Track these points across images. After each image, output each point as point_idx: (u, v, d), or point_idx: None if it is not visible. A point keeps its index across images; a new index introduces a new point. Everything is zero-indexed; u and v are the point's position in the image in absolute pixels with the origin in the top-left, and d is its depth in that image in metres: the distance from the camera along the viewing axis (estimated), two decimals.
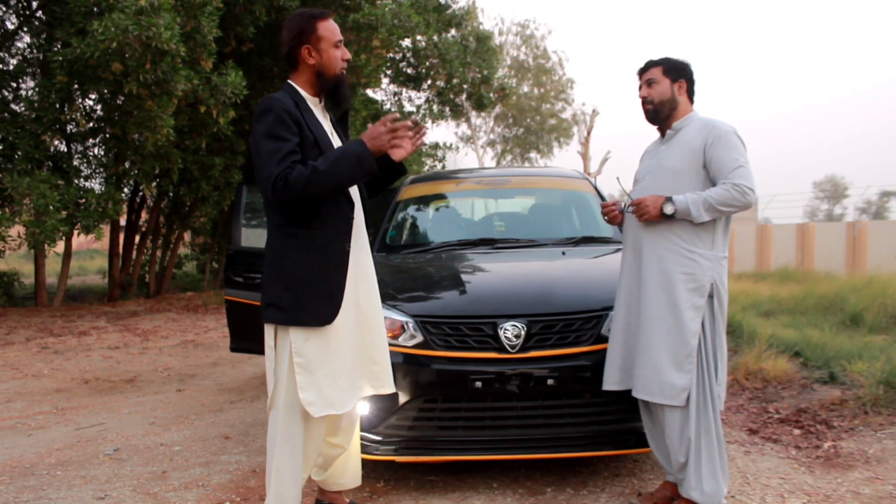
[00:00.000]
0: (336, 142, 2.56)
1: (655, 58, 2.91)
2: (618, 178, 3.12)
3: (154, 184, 11.52)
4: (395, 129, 2.38)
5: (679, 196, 2.71)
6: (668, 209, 2.70)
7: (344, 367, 2.45)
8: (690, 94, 2.89)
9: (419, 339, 3.05)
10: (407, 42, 13.28)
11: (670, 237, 2.74)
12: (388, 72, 14.32)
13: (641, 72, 2.91)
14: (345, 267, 2.46)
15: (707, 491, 2.68)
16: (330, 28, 2.47)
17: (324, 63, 2.47)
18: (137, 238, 13.22)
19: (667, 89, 2.84)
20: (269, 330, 2.46)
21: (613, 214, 2.98)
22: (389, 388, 2.62)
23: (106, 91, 9.77)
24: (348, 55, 2.53)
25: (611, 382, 2.86)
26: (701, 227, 2.73)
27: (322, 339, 2.41)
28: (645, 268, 2.79)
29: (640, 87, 2.90)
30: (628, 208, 2.86)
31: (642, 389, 2.74)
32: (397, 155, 2.52)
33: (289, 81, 2.53)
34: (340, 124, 2.70)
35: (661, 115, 2.86)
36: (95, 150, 11.66)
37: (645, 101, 2.88)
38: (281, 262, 2.43)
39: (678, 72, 2.86)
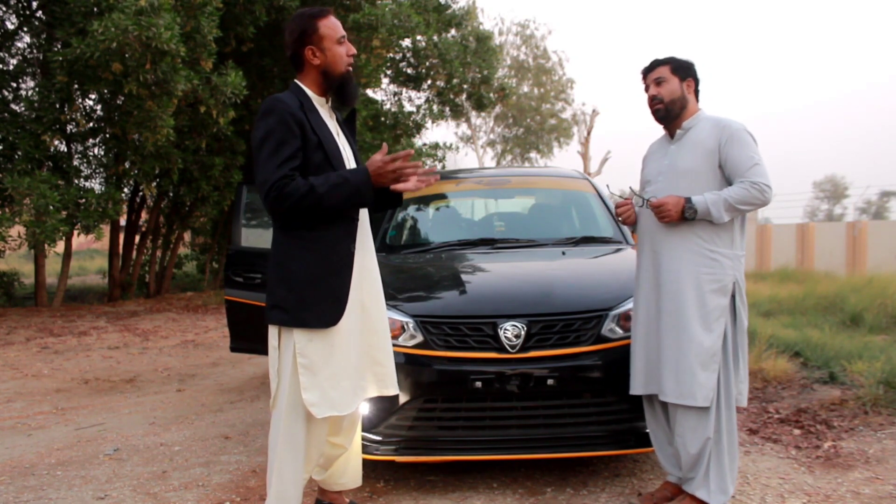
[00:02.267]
0: (343, 142, 2.55)
1: (661, 57, 2.88)
2: (631, 188, 3.07)
3: (154, 184, 11.51)
4: (401, 167, 2.37)
5: (699, 197, 2.68)
6: (689, 213, 2.67)
7: (347, 368, 2.45)
8: (696, 93, 2.88)
9: (419, 339, 3.06)
10: (407, 42, 13.26)
11: (691, 237, 2.72)
12: (388, 72, 14.30)
13: (647, 71, 2.87)
14: (350, 268, 2.46)
15: (714, 490, 2.68)
16: (331, 25, 2.45)
17: (329, 62, 2.45)
18: (137, 238, 13.21)
19: (676, 87, 2.81)
20: (272, 331, 2.46)
21: (629, 213, 2.91)
22: (393, 390, 2.61)
23: (106, 91, 9.77)
24: (353, 50, 2.50)
25: (636, 387, 2.84)
26: (720, 227, 2.71)
27: (326, 340, 2.41)
28: (665, 269, 2.76)
29: (648, 87, 2.86)
30: (646, 206, 2.81)
31: (670, 393, 2.70)
32: (398, 187, 2.51)
33: (295, 81, 2.52)
34: (348, 124, 2.70)
35: (671, 113, 2.83)
36: (95, 150, 11.66)
37: (654, 100, 2.83)
38: (286, 263, 2.43)
39: (686, 70, 2.83)
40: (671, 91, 2.81)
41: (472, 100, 14.99)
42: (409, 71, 14.46)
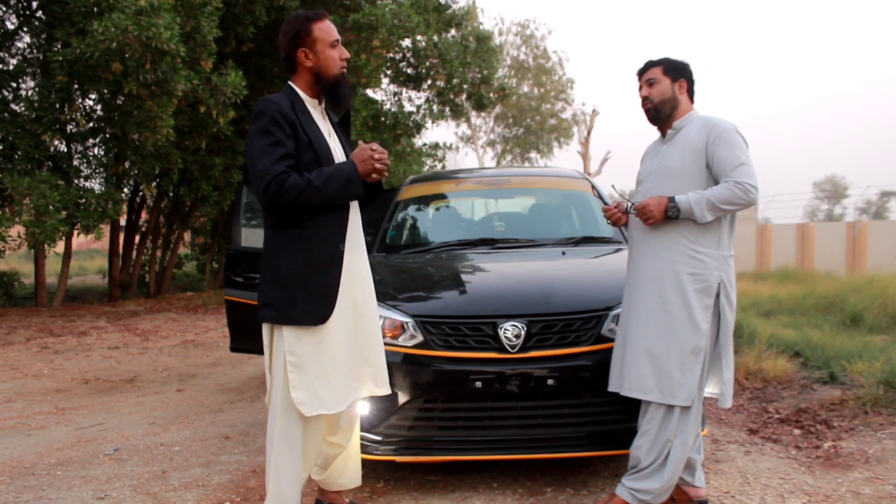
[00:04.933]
0: (335, 144, 2.57)
1: (655, 58, 2.90)
2: (613, 186, 3.10)
3: (154, 184, 11.52)
4: (382, 157, 2.43)
5: (682, 196, 2.69)
6: (672, 212, 2.68)
7: (337, 367, 2.46)
8: (691, 93, 2.88)
9: (419, 339, 3.05)
10: (407, 42, 13.27)
11: (676, 238, 2.73)
12: (388, 72, 14.31)
13: (641, 72, 2.90)
14: (339, 267, 2.47)
15: (645, 488, 2.70)
16: (325, 29, 2.47)
17: (321, 65, 2.48)
18: (137, 238, 13.22)
19: (667, 88, 2.82)
20: (265, 329, 2.50)
21: (616, 217, 2.93)
22: (384, 390, 2.62)
23: (106, 91, 9.78)
24: (346, 54, 2.52)
25: (614, 384, 2.85)
26: (706, 227, 2.71)
27: (315, 338, 2.42)
28: (650, 268, 2.77)
29: (641, 88, 2.89)
30: (632, 210, 2.84)
31: (651, 391, 2.70)
32: (373, 178, 2.54)
33: (289, 83, 2.55)
34: (342, 126, 2.71)
35: (661, 114, 2.84)
36: (95, 150, 11.66)
37: (646, 101, 2.86)
38: (275, 262, 2.46)
39: (678, 71, 2.84)
40: (661, 92, 2.82)
41: (472, 100, 14.99)
42: (409, 71, 14.47)
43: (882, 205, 41.92)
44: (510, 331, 2.98)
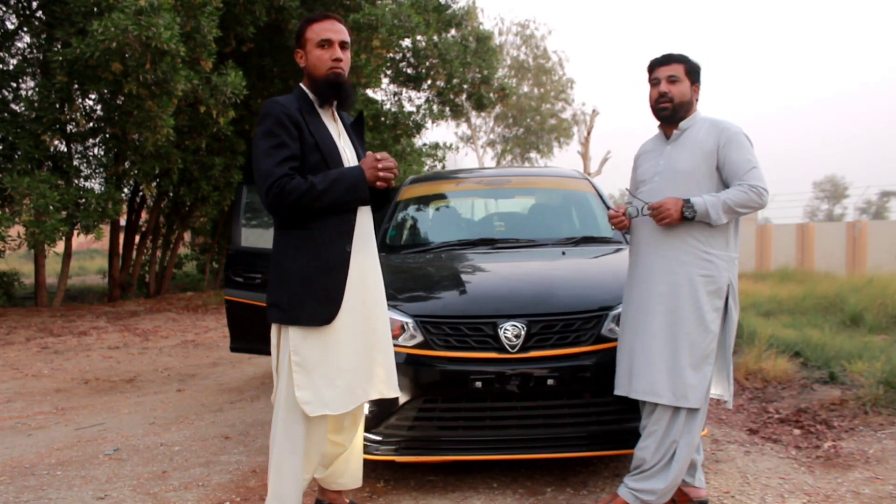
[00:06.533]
0: (345, 144, 2.57)
1: (675, 52, 2.81)
2: (627, 189, 3.06)
3: (154, 184, 11.52)
4: (388, 167, 2.44)
5: (697, 198, 2.66)
6: (689, 212, 2.65)
7: (343, 368, 2.46)
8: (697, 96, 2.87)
9: (419, 339, 3.06)
10: (407, 42, 13.26)
11: (686, 239, 2.71)
12: (388, 72, 14.30)
13: (659, 63, 2.78)
14: (344, 268, 2.47)
15: (648, 488, 2.70)
16: (316, 30, 2.48)
17: (309, 65, 2.50)
18: (137, 238, 13.22)
19: (687, 90, 2.76)
20: (273, 329, 2.52)
21: (618, 220, 2.86)
22: (394, 392, 2.62)
23: (106, 91, 9.78)
24: (338, 55, 2.48)
25: (621, 387, 2.83)
26: (716, 229, 2.70)
27: (321, 339, 2.42)
28: (659, 271, 2.74)
29: (660, 82, 2.77)
30: (644, 211, 2.78)
31: (663, 394, 2.68)
32: (378, 185, 2.55)
33: (300, 84, 2.58)
34: (355, 127, 2.71)
35: (677, 115, 2.78)
36: (95, 150, 11.66)
37: (664, 97, 2.75)
38: (281, 262, 2.47)
39: (696, 75, 2.79)
40: (682, 93, 2.76)
41: (472, 100, 14.98)
42: (409, 71, 14.46)
43: (882, 205, 41.96)
44: (510, 331, 2.98)
